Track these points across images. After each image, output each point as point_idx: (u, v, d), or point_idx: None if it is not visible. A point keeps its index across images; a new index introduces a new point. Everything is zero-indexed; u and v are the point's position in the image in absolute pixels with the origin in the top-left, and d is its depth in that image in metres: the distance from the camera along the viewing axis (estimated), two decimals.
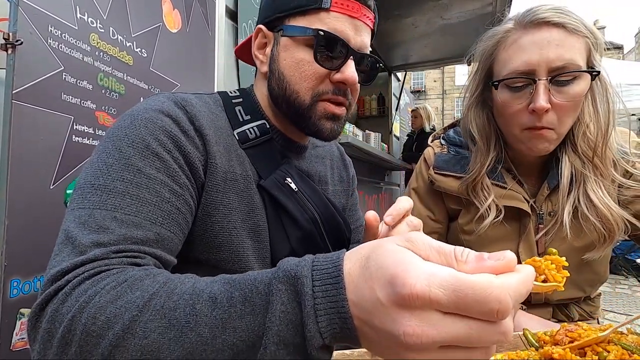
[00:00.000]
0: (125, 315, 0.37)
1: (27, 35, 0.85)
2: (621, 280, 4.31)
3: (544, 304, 0.87)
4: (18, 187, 0.84)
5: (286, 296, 0.34)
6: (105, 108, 1.07)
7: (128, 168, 0.52)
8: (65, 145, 0.95)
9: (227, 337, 0.35)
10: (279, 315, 0.33)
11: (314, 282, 0.33)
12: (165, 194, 0.53)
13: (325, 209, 0.74)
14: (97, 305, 0.38)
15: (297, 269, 0.35)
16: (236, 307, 0.35)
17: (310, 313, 0.32)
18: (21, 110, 0.85)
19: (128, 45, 1.16)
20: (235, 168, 0.65)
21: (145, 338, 0.36)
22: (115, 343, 0.36)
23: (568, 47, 0.71)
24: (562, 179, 0.80)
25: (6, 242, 0.81)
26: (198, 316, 0.36)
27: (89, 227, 0.47)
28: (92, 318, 0.38)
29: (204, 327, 0.35)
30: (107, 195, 0.49)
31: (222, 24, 1.67)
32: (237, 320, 0.35)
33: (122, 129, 0.55)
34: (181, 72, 1.40)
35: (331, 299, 0.32)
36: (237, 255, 0.63)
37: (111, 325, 0.37)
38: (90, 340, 0.37)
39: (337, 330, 0.32)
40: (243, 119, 0.70)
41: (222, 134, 0.65)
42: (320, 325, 0.32)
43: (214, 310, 0.36)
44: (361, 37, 0.67)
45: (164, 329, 0.36)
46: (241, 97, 0.74)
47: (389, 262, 0.30)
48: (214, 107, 0.68)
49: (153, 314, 0.37)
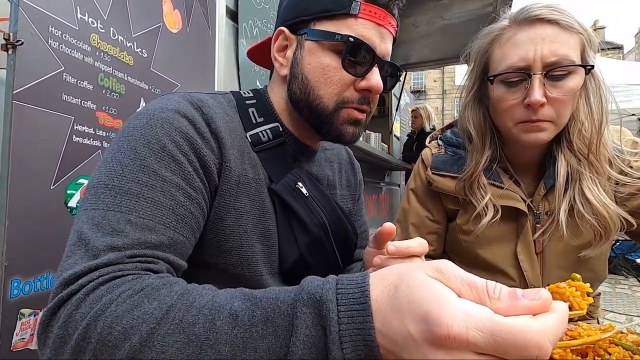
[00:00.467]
0: (142, 327, 0.37)
1: (27, 36, 0.85)
2: (621, 280, 4.31)
3: None
4: (18, 188, 0.84)
5: (310, 320, 0.33)
6: (105, 108, 1.07)
7: (143, 169, 0.51)
8: (66, 145, 0.95)
9: (247, 356, 0.34)
10: (303, 339, 0.33)
11: (339, 307, 0.33)
12: (180, 198, 0.52)
13: (333, 213, 0.74)
14: (114, 315, 0.38)
15: (322, 292, 0.34)
16: (258, 327, 0.35)
17: (335, 339, 0.32)
18: (22, 111, 0.85)
19: (128, 46, 1.16)
20: (247, 171, 0.64)
21: (163, 352, 0.35)
22: (131, 355, 0.36)
23: (562, 42, 0.73)
24: (558, 177, 0.80)
25: (6, 242, 0.81)
26: (218, 333, 0.35)
27: (102, 230, 0.46)
28: (108, 327, 0.37)
29: (224, 345, 0.35)
30: (122, 197, 0.48)
31: (223, 24, 1.67)
32: (259, 340, 0.34)
33: (138, 129, 0.54)
34: (182, 72, 1.40)
35: (357, 325, 0.32)
36: (246, 259, 0.62)
37: (128, 337, 0.37)
38: (106, 350, 0.37)
39: (362, 358, 0.32)
40: (256, 121, 0.69)
41: (235, 136, 0.64)
42: (345, 352, 0.32)
43: (235, 329, 0.35)
44: (386, 45, 0.67)
45: (182, 344, 0.35)
46: (255, 98, 0.72)
47: (422, 297, 0.29)
48: (227, 108, 0.67)
49: (171, 327, 0.36)
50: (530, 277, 0.85)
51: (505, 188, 0.84)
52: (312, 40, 0.66)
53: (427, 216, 0.94)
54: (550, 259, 0.84)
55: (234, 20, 1.83)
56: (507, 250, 0.86)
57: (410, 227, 0.95)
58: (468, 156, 0.88)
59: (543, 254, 0.85)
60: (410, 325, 0.29)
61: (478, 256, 0.88)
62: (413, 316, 0.29)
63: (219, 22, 1.64)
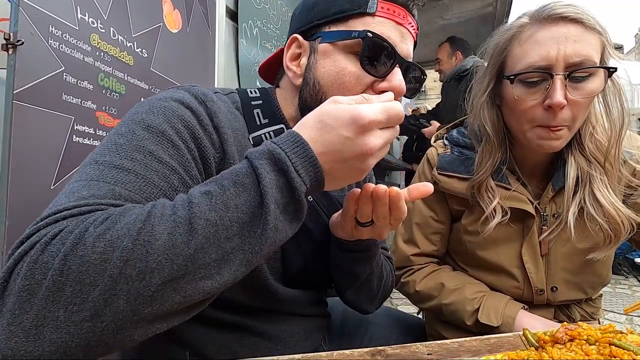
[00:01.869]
0: (129, 232, 0.36)
1: (27, 36, 0.86)
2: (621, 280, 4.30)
3: (546, 305, 0.87)
4: (19, 187, 0.84)
5: (269, 167, 0.43)
6: (105, 108, 1.07)
7: (139, 149, 0.47)
8: (66, 145, 0.95)
9: (231, 214, 0.40)
10: (270, 182, 0.42)
11: (284, 151, 0.43)
12: (175, 182, 0.49)
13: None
14: (93, 235, 0.36)
15: (264, 148, 0.44)
16: (230, 190, 0.41)
17: (291, 170, 0.43)
18: (22, 111, 0.85)
19: (129, 46, 1.16)
20: None
21: (157, 240, 0.36)
22: (125, 257, 0.35)
23: (585, 43, 0.70)
24: (568, 180, 0.79)
25: (6, 242, 0.81)
26: (199, 208, 0.39)
27: (78, 195, 0.42)
28: (92, 247, 0.35)
29: (209, 212, 0.39)
30: (109, 170, 0.44)
31: (223, 24, 1.68)
32: (235, 199, 0.41)
33: (139, 114, 0.52)
34: (181, 72, 1.40)
35: (302, 155, 0.44)
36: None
37: (116, 245, 0.35)
38: (93, 269, 0.34)
39: (312, 177, 0.44)
40: (261, 122, 0.66)
41: (237, 135, 0.61)
42: (301, 176, 0.43)
43: (212, 199, 0.40)
44: (407, 45, 0.62)
45: (172, 228, 0.38)
46: (261, 98, 0.69)
47: (342, 111, 0.45)
48: (232, 107, 0.64)
49: (156, 221, 0.38)
50: (535, 278, 0.84)
51: (512, 190, 0.83)
52: (327, 43, 0.61)
53: (431, 216, 0.94)
54: (555, 262, 0.84)
55: (234, 20, 1.83)
56: (512, 252, 0.85)
57: (414, 227, 0.94)
58: (477, 157, 0.86)
59: (548, 256, 0.84)
60: (344, 130, 0.44)
61: (482, 257, 0.87)
62: (343, 124, 0.44)
63: (219, 22, 1.64)
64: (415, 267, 0.95)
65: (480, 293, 0.85)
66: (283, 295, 0.65)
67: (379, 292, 0.78)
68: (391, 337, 0.92)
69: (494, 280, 0.88)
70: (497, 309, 0.81)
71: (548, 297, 0.85)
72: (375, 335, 0.91)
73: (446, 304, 0.86)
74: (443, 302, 0.86)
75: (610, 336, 0.49)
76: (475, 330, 0.82)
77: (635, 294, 3.85)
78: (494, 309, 0.81)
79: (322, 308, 0.79)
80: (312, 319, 0.74)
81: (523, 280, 0.85)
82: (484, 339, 0.56)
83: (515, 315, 0.80)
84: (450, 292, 0.86)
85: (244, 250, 0.41)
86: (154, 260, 0.36)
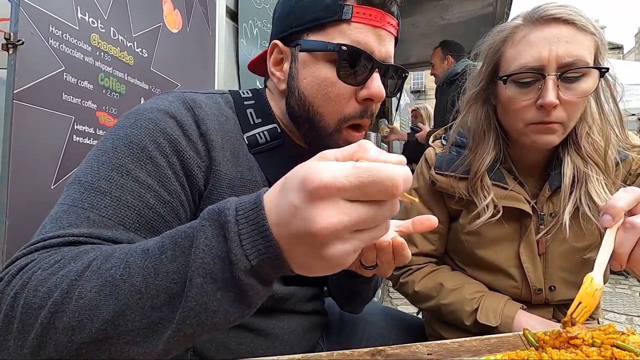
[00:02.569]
0: (64, 283, 0.37)
1: (28, 35, 0.86)
2: (621, 280, 4.30)
3: (545, 305, 0.88)
4: (19, 187, 0.84)
5: (210, 231, 0.35)
6: (106, 108, 1.07)
7: (118, 169, 0.50)
8: (66, 145, 0.95)
9: (160, 282, 0.35)
10: (203, 248, 0.34)
11: (237, 212, 0.35)
12: (150, 200, 0.51)
13: None
14: (39, 278, 0.38)
15: (222, 205, 0.36)
16: (167, 253, 0.36)
17: (234, 238, 0.33)
18: (22, 110, 0.85)
19: (129, 46, 1.16)
20: (244, 174, 0.62)
21: (81, 298, 0.36)
22: (54, 309, 0.36)
23: (577, 43, 0.71)
24: (565, 179, 0.79)
25: (6, 242, 0.81)
26: (131, 268, 0.36)
27: (59, 224, 0.46)
28: (34, 290, 0.37)
29: (136, 277, 0.36)
30: (88, 194, 0.48)
31: (223, 24, 1.67)
32: (169, 264, 0.35)
33: (124, 128, 0.54)
34: (182, 72, 1.40)
35: (253, 221, 0.34)
36: None
37: (51, 295, 0.37)
38: (32, 313, 0.37)
39: (262, 251, 0.33)
40: (254, 122, 0.67)
41: (230, 138, 0.62)
42: (245, 248, 0.33)
43: (146, 260, 0.36)
44: (385, 48, 0.63)
45: (99, 287, 0.36)
46: (253, 98, 0.70)
47: (300, 171, 0.33)
48: (224, 108, 0.65)
49: (90, 276, 0.37)
50: (533, 278, 0.84)
51: (509, 189, 0.84)
52: (306, 52, 0.62)
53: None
54: (553, 261, 0.84)
55: (234, 20, 1.83)
56: (509, 251, 0.86)
57: None
58: (474, 156, 0.87)
59: (546, 255, 0.84)
60: (292, 196, 0.32)
61: (480, 257, 0.88)
62: (294, 187, 0.32)
63: (219, 22, 1.64)
64: (414, 267, 0.95)
65: (479, 293, 0.85)
66: (280, 292, 0.66)
67: (372, 297, 0.80)
68: (390, 337, 0.92)
69: (492, 279, 0.89)
70: (496, 309, 0.81)
71: (546, 297, 0.86)
72: (373, 334, 0.91)
73: (445, 304, 0.86)
74: (442, 302, 0.87)
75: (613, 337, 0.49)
76: (474, 330, 0.82)
77: (635, 294, 3.85)
78: (493, 309, 0.81)
79: (319, 305, 0.79)
80: (310, 316, 0.75)
81: (521, 279, 0.86)
82: (484, 339, 0.56)
83: (514, 315, 0.80)
84: (449, 292, 0.87)
85: (174, 323, 0.35)
86: (76, 319, 0.36)
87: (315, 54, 0.61)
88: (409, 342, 0.56)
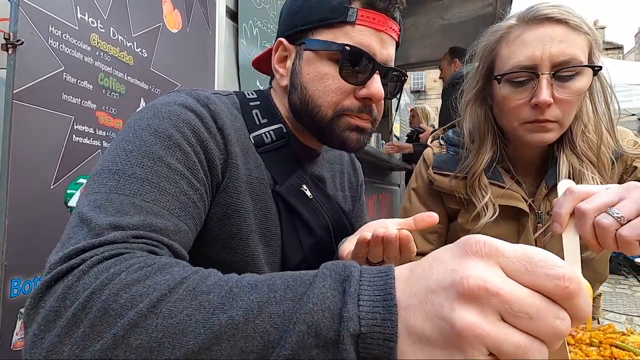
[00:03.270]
0: (153, 294, 0.33)
1: (27, 35, 0.85)
2: (621, 280, 4.30)
3: None
4: (18, 187, 0.84)
5: (330, 281, 0.31)
6: (105, 108, 1.07)
7: (148, 155, 0.50)
8: (66, 145, 0.95)
9: (260, 322, 0.31)
10: (317, 295, 0.30)
11: (362, 273, 0.31)
12: (184, 186, 0.51)
13: (336, 215, 0.75)
14: (123, 282, 0.35)
15: (346, 263, 0.33)
16: (276, 293, 0.32)
17: (353, 294, 0.29)
18: (22, 110, 0.85)
19: (128, 46, 1.16)
20: (252, 171, 0.64)
21: (170, 318, 0.32)
22: (135, 322, 0.32)
23: (570, 42, 0.72)
24: (560, 177, 0.80)
25: (6, 242, 0.81)
26: (234, 299, 0.32)
27: (105, 211, 0.44)
28: (115, 295, 0.34)
29: (237, 309, 0.32)
30: (126, 180, 0.47)
31: (223, 24, 1.67)
32: (275, 305, 0.31)
33: (145, 119, 0.54)
34: (181, 72, 1.40)
35: (378, 286, 0.30)
36: (251, 258, 0.63)
37: (135, 304, 0.33)
38: (106, 320, 0.33)
39: (377, 321, 0.28)
40: (260, 122, 0.69)
41: (239, 135, 0.64)
42: (360, 309, 0.29)
43: (252, 294, 0.32)
44: (387, 51, 0.65)
45: (193, 310, 0.32)
46: (259, 100, 0.72)
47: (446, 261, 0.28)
48: (232, 108, 0.67)
49: (183, 294, 0.33)
50: None
51: (507, 188, 0.84)
52: (310, 50, 0.65)
53: None
54: None
55: (234, 20, 1.83)
56: None
57: None
58: (471, 155, 0.87)
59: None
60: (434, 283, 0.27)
61: None
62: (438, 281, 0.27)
63: (219, 22, 1.64)
64: None
65: None
66: None
67: None
68: None
69: None
70: None
71: None
72: None
73: None
74: None
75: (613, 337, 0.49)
76: None
77: (635, 294, 3.84)
78: None
79: None
80: None
81: None
82: None
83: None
84: None
85: None
86: (157, 340, 0.31)
87: (320, 52, 0.64)
88: None
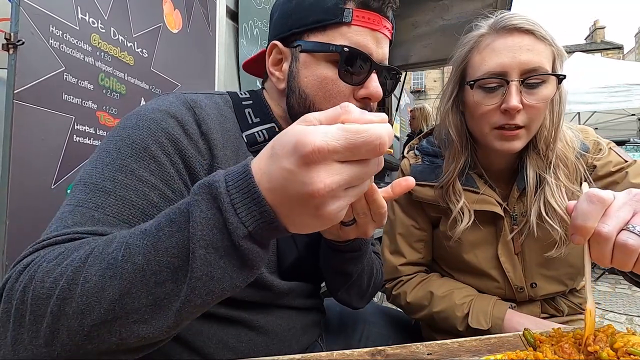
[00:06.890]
0: (69, 270, 0.39)
1: (28, 36, 0.86)
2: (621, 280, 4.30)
3: (530, 300, 0.90)
4: (19, 187, 0.84)
5: (204, 204, 0.36)
6: (106, 108, 1.07)
7: (122, 169, 0.51)
8: (67, 145, 0.95)
9: (160, 258, 0.37)
10: (200, 222, 0.36)
11: (227, 183, 0.36)
12: (154, 198, 0.52)
13: None
14: (45, 270, 0.39)
15: (210, 178, 0.38)
16: (164, 230, 0.38)
17: (228, 208, 0.35)
18: (22, 110, 0.85)
19: (129, 46, 1.16)
20: None
21: (87, 282, 0.37)
22: (62, 296, 0.37)
23: (537, 52, 0.76)
24: (528, 180, 0.84)
25: (7, 242, 0.81)
26: (131, 249, 0.38)
27: (64, 222, 0.47)
28: (41, 282, 0.39)
29: (137, 255, 0.37)
30: (93, 194, 0.49)
31: (223, 25, 1.68)
32: (167, 240, 0.37)
33: (126, 129, 0.55)
34: (182, 72, 1.40)
35: (244, 190, 0.36)
36: None
37: (57, 283, 0.38)
38: (41, 303, 0.38)
39: (257, 217, 0.36)
40: (252, 122, 0.69)
41: (230, 136, 0.64)
42: (240, 216, 0.35)
43: (144, 239, 0.38)
44: (382, 50, 0.66)
45: (103, 270, 0.38)
46: (251, 99, 0.72)
47: (289, 136, 0.34)
48: (223, 108, 0.67)
49: (92, 261, 0.39)
50: (513, 277, 0.87)
51: (481, 193, 0.87)
52: (307, 53, 0.64)
53: (412, 225, 0.96)
54: (530, 259, 0.87)
55: (234, 20, 1.83)
56: (489, 253, 0.89)
57: (397, 237, 0.97)
58: (445, 162, 0.90)
59: (522, 254, 0.87)
60: (285, 162, 0.34)
61: (463, 261, 0.90)
62: (286, 153, 0.34)
63: (219, 22, 1.64)
64: (404, 278, 0.97)
65: (469, 297, 0.87)
66: (278, 287, 0.66)
67: (369, 288, 0.80)
68: (389, 336, 0.93)
69: (478, 282, 0.91)
70: (486, 311, 0.83)
71: (529, 294, 0.88)
72: (373, 334, 0.91)
73: (437, 312, 0.88)
74: (434, 311, 0.88)
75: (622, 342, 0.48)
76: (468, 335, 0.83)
77: (635, 294, 3.85)
78: (483, 312, 0.83)
79: (317, 301, 0.80)
80: (308, 313, 0.75)
81: (503, 280, 0.88)
82: (484, 339, 0.57)
83: (504, 315, 0.82)
84: (440, 299, 0.88)
85: (179, 297, 0.37)
86: (84, 302, 0.37)
87: (316, 54, 0.64)
88: (408, 342, 0.56)
